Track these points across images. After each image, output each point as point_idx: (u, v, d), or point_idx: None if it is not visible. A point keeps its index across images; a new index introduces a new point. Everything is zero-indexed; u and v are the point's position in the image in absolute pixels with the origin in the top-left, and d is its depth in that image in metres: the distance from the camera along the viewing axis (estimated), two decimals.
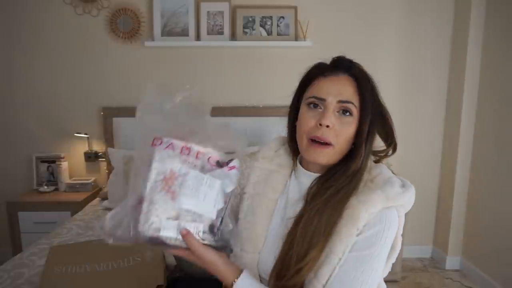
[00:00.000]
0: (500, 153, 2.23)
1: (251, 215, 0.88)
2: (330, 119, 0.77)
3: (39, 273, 1.35)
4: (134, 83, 2.54)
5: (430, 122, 2.65)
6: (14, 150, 2.57)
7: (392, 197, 0.73)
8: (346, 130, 0.78)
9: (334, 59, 0.86)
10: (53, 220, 2.25)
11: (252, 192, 0.91)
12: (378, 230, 0.73)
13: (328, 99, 0.78)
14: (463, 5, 2.43)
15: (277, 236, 0.84)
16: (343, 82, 0.80)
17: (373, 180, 0.78)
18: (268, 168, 0.92)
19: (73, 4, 2.43)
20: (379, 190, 0.74)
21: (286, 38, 2.47)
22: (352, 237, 0.72)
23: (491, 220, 2.30)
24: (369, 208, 0.72)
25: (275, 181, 0.90)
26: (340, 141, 0.78)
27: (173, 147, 0.69)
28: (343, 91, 0.79)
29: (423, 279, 2.46)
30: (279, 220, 0.86)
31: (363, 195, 0.74)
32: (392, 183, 0.76)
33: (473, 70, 2.40)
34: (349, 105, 0.78)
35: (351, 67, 0.82)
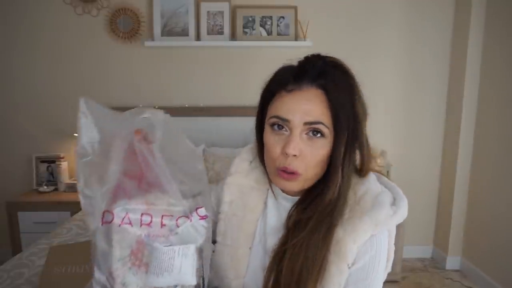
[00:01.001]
0: (500, 153, 2.22)
1: (230, 239, 0.78)
2: (297, 147, 0.65)
3: (39, 273, 1.34)
4: (134, 83, 2.54)
5: (431, 122, 2.65)
6: (14, 150, 2.57)
7: (381, 222, 0.65)
8: (316, 155, 0.66)
9: (300, 63, 0.70)
10: (53, 220, 2.25)
11: (229, 212, 0.79)
12: (370, 257, 0.66)
13: (293, 120, 0.65)
14: (463, 5, 2.43)
15: (259, 265, 0.75)
16: (309, 97, 0.66)
17: (359, 202, 0.67)
18: (243, 184, 0.80)
19: (73, 4, 2.43)
20: (366, 216, 0.64)
21: (286, 38, 2.47)
22: (343, 274, 0.65)
23: (491, 220, 2.29)
24: (357, 239, 0.64)
25: (254, 199, 0.79)
26: (310, 167, 0.67)
27: (130, 220, 0.57)
28: (310, 109, 0.65)
29: (423, 279, 2.46)
30: (260, 248, 0.77)
31: (349, 225, 0.65)
32: (381, 204, 0.66)
33: (473, 70, 2.40)
34: (318, 126, 0.65)
35: (320, 75, 0.66)
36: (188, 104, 2.55)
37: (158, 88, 2.56)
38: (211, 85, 2.57)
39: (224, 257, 0.77)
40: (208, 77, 2.56)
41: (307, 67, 0.68)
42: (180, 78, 2.56)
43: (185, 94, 2.57)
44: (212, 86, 2.57)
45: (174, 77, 2.56)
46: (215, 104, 2.57)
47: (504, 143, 2.19)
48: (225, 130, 2.50)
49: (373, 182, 0.71)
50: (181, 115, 2.50)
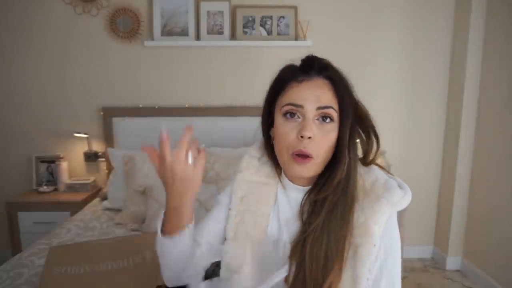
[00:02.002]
0: (500, 153, 2.22)
1: (243, 234, 0.80)
2: (312, 130, 0.71)
3: (39, 273, 1.34)
4: (134, 83, 2.54)
5: (431, 122, 2.65)
6: (14, 150, 2.57)
7: (396, 203, 0.71)
8: (328, 138, 0.72)
9: (305, 60, 0.78)
10: (53, 220, 2.24)
11: (241, 208, 0.82)
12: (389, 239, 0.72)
13: (307, 106, 0.72)
14: (463, 6, 2.43)
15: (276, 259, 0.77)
16: (319, 85, 0.73)
17: (372, 188, 0.73)
18: (254, 180, 0.84)
19: (73, 4, 2.43)
20: (382, 199, 0.70)
21: (286, 38, 2.47)
22: (371, 255, 0.69)
23: (492, 220, 2.29)
24: (377, 220, 0.70)
25: (265, 193, 0.82)
26: (321, 152, 0.73)
27: None
28: (321, 95, 0.72)
29: (423, 279, 2.46)
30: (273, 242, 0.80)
31: (368, 209, 0.71)
32: (392, 188, 0.72)
33: (474, 70, 2.40)
34: (329, 110, 0.72)
35: (325, 68, 0.75)
36: (188, 104, 2.55)
37: (158, 88, 2.55)
38: (211, 85, 2.57)
39: (237, 252, 0.79)
40: (208, 77, 2.56)
41: (312, 62, 0.76)
42: (180, 78, 2.56)
43: (185, 94, 2.56)
44: (212, 86, 2.57)
45: (174, 77, 2.55)
46: (215, 104, 2.56)
47: (504, 143, 2.19)
48: (225, 130, 2.50)
49: (378, 171, 0.77)
50: (181, 115, 2.50)
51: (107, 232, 1.85)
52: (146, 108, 2.51)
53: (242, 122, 2.50)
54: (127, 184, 2.16)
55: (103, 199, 2.31)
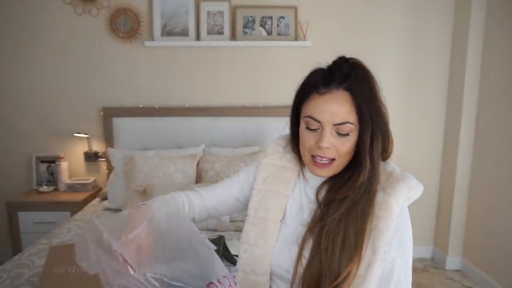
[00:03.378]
0: (501, 153, 2.22)
1: (263, 211, 0.87)
2: (328, 141, 0.77)
3: (39, 273, 1.34)
4: (134, 83, 2.54)
5: (431, 122, 2.65)
6: (14, 150, 2.57)
7: (413, 188, 0.80)
8: (346, 145, 0.78)
9: (329, 67, 0.81)
10: (53, 220, 2.25)
11: (263, 187, 0.90)
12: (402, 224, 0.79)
13: (323, 121, 0.77)
14: (463, 6, 2.43)
15: (291, 238, 0.84)
16: (338, 100, 0.77)
17: (391, 175, 0.81)
18: (279, 164, 0.92)
19: (73, 4, 2.43)
20: (402, 182, 0.79)
21: (286, 38, 2.47)
22: (390, 228, 0.76)
23: (492, 220, 2.29)
24: (397, 197, 0.77)
25: (287, 176, 0.90)
26: (342, 154, 0.79)
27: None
28: (338, 111, 0.76)
29: (423, 279, 2.46)
30: (295, 222, 0.86)
31: (388, 188, 0.79)
32: (408, 175, 0.81)
33: (473, 70, 2.40)
34: (345, 126, 0.77)
35: (346, 78, 0.77)
36: (188, 104, 2.55)
37: (158, 88, 2.56)
38: (211, 85, 2.57)
39: (255, 229, 0.87)
40: (208, 77, 2.56)
41: (334, 71, 0.79)
42: (180, 78, 2.56)
43: (185, 94, 2.56)
44: (212, 86, 2.57)
45: (174, 77, 2.55)
46: (215, 104, 2.56)
47: (504, 143, 2.19)
48: (225, 130, 2.50)
49: (394, 165, 0.86)
50: (181, 115, 2.50)
51: None
52: (146, 108, 2.51)
53: (242, 122, 2.50)
54: (127, 184, 2.16)
55: (103, 199, 2.31)
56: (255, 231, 0.86)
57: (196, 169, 2.25)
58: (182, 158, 2.24)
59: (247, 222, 0.88)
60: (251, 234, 0.86)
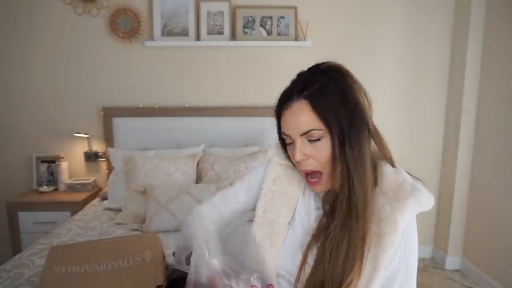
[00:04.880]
0: (500, 153, 2.22)
1: (272, 213, 0.87)
2: (300, 153, 0.77)
3: (39, 273, 1.34)
4: (134, 83, 2.54)
5: (431, 122, 2.65)
6: (14, 150, 2.57)
7: (422, 203, 0.74)
8: (323, 153, 0.76)
9: (292, 80, 0.82)
10: (53, 220, 2.25)
11: (272, 188, 0.89)
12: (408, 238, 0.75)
13: (291, 135, 0.78)
14: (463, 5, 2.43)
15: (297, 243, 0.84)
16: (298, 110, 0.76)
17: (401, 187, 0.76)
18: (288, 164, 0.90)
19: (73, 4, 2.43)
20: (411, 197, 0.74)
21: (286, 38, 2.47)
22: (393, 245, 0.73)
23: (492, 220, 2.30)
24: (404, 214, 0.73)
25: (297, 178, 0.88)
26: (324, 165, 0.77)
27: None
28: (300, 122, 0.76)
29: (423, 279, 2.46)
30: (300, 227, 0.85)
31: (397, 203, 0.74)
32: (419, 189, 0.76)
33: (473, 70, 2.40)
34: (311, 133, 0.76)
35: (305, 87, 0.77)
36: (188, 104, 2.55)
37: (158, 88, 2.56)
38: (211, 85, 2.57)
39: (262, 229, 0.86)
40: (208, 77, 2.56)
41: (293, 83, 0.80)
42: (180, 78, 2.56)
43: (185, 94, 2.57)
44: (212, 86, 2.57)
45: (174, 77, 2.56)
46: (215, 104, 2.57)
47: (504, 143, 2.19)
48: (225, 130, 2.51)
49: (406, 174, 0.80)
50: (181, 115, 2.51)
51: (107, 232, 1.85)
52: (146, 108, 2.51)
53: (242, 122, 2.50)
54: (127, 184, 2.16)
55: (103, 199, 2.31)
56: (261, 232, 0.86)
57: (196, 169, 2.25)
58: (182, 158, 2.24)
59: (254, 222, 0.88)
60: (258, 234, 0.86)
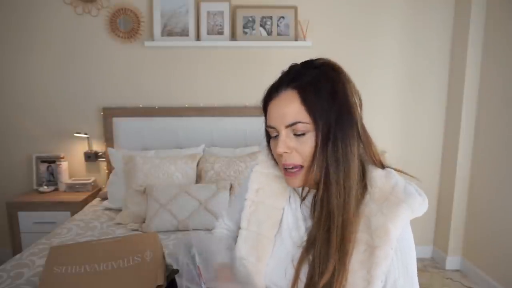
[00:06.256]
0: (500, 153, 2.22)
1: (256, 225, 0.83)
2: (284, 145, 0.73)
3: (39, 273, 1.34)
4: (134, 83, 2.54)
5: (430, 122, 2.65)
6: (14, 150, 2.57)
7: (416, 209, 0.70)
8: (306, 147, 0.72)
9: (282, 72, 0.78)
10: (53, 220, 2.25)
11: (255, 199, 0.85)
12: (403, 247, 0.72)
13: (276, 126, 0.74)
14: (463, 6, 2.43)
15: (287, 256, 0.79)
16: (285, 100, 0.73)
17: (392, 192, 0.72)
18: (272, 172, 0.85)
19: (73, 4, 2.43)
20: (404, 204, 0.70)
21: (286, 38, 2.47)
22: (388, 257, 0.69)
23: (491, 220, 2.29)
24: (397, 223, 0.69)
25: (280, 188, 0.84)
26: (306, 159, 0.73)
27: None
28: (287, 111, 0.72)
29: (423, 279, 2.46)
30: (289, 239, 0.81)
31: (388, 211, 0.70)
32: (412, 194, 0.71)
33: (473, 70, 2.40)
34: (297, 126, 0.72)
35: (294, 78, 0.74)
36: (188, 104, 2.55)
37: (158, 88, 2.56)
38: (211, 85, 2.57)
39: (248, 242, 0.82)
40: (208, 77, 2.56)
41: (283, 74, 0.77)
42: (180, 78, 2.56)
43: (185, 94, 2.57)
44: (212, 86, 2.57)
45: (174, 77, 2.56)
46: (215, 104, 2.57)
47: (504, 143, 2.19)
48: (225, 130, 2.51)
49: (398, 177, 0.75)
50: (181, 115, 2.51)
51: (107, 232, 1.85)
52: (146, 108, 2.51)
53: (242, 122, 2.50)
54: (127, 184, 2.16)
55: (103, 199, 2.31)
56: (247, 245, 0.82)
57: (196, 169, 2.25)
58: (182, 158, 2.24)
59: (239, 234, 0.84)
60: (243, 248, 0.82)
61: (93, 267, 1.19)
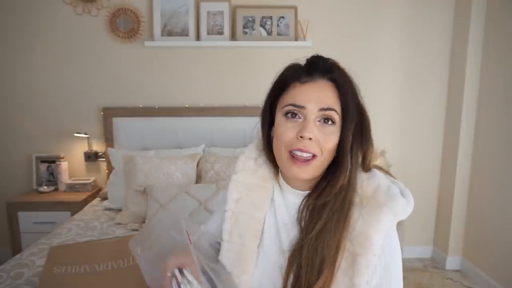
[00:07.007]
0: (500, 153, 2.22)
1: (237, 237, 0.79)
2: (313, 131, 0.69)
3: (39, 273, 1.34)
4: (134, 83, 2.54)
5: (430, 122, 2.65)
6: (14, 150, 2.57)
7: (398, 213, 0.69)
8: (329, 140, 0.70)
9: (309, 60, 0.75)
10: (53, 220, 2.25)
11: (235, 210, 0.81)
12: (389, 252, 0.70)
13: (308, 107, 0.70)
14: (463, 6, 2.43)
15: (274, 264, 0.77)
16: (323, 87, 0.71)
17: (374, 196, 0.70)
18: (251, 182, 0.82)
19: (73, 4, 2.43)
20: (385, 207, 0.68)
21: (286, 38, 2.47)
22: (371, 264, 0.67)
23: (491, 220, 2.30)
24: (378, 229, 0.67)
25: (260, 197, 0.80)
26: (325, 152, 0.71)
27: None
28: (324, 97, 0.70)
29: (423, 279, 2.46)
30: (274, 247, 0.78)
31: (369, 217, 0.68)
32: (395, 196, 0.69)
33: (473, 70, 2.40)
34: (331, 113, 0.70)
35: (329, 70, 0.72)
36: (188, 104, 2.55)
37: (158, 88, 2.56)
38: (211, 85, 2.57)
39: (231, 255, 0.79)
40: (208, 77, 2.56)
41: (317, 62, 0.74)
42: (180, 78, 2.56)
43: (185, 94, 2.57)
44: (212, 86, 2.57)
45: (174, 77, 2.56)
46: (215, 104, 2.57)
47: (504, 143, 2.19)
48: (225, 130, 2.51)
49: (381, 177, 0.74)
50: (181, 115, 2.51)
51: (107, 232, 1.85)
52: (146, 108, 2.51)
53: (242, 122, 2.50)
54: (127, 184, 2.16)
55: (103, 199, 2.31)
56: (230, 258, 0.78)
57: (196, 169, 2.25)
58: (182, 158, 2.24)
59: (222, 247, 0.80)
60: (227, 261, 0.78)
61: (93, 267, 1.20)
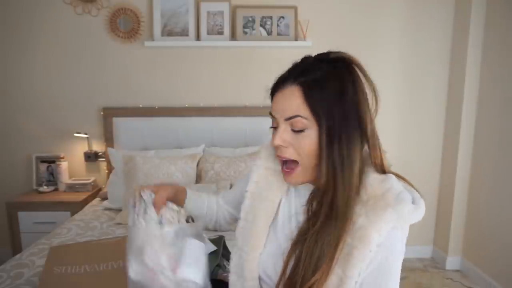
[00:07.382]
0: (500, 153, 2.22)
1: (252, 215, 0.85)
2: (279, 138, 0.74)
3: (39, 273, 1.34)
4: (134, 83, 2.54)
5: (431, 122, 2.65)
6: (14, 150, 2.57)
7: (403, 216, 0.69)
8: (303, 145, 0.72)
9: (292, 64, 0.78)
10: (53, 220, 2.25)
11: (254, 191, 0.87)
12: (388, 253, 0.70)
13: (277, 116, 0.76)
14: (463, 5, 2.43)
15: (278, 248, 0.81)
16: (288, 95, 0.73)
17: (383, 197, 0.70)
18: (271, 167, 0.87)
19: (73, 4, 2.43)
20: (390, 208, 0.68)
21: (286, 38, 2.47)
22: (366, 259, 0.68)
23: (492, 220, 2.30)
24: (379, 228, 0.67)
25: (279, 182, 0.85)
26: (303, 156, 0.73)
27: None
28: (287, 105, 0.73)
29: (423, 279, 2.46)
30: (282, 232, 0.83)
31: (373, 215, 0.68)
32: (404, 200, 0.69)
33: (473, 70, 2.40)
34: (295, 120, 0.72)
35: (301, 73, 0.73)
36: (188, 104, 2.55)
37: (158, 88, 2.56)
38: (211, 85, 2.57)
39: (244, 232, 0.85)
40: (208, 77, 2.56)
41: (293, 67, 0.77)
42: (180, 78, 2.56)
43: (185, 94, 2.57)
44: (212, 86, 2.57)
45: (174, 77, 2.56)
46: (215, 104, 2.57)
47: (504, 143, 2.19)
48: (225, 130, 2.51)
49: (395, 181, 0.74)
50: (181, 115, 2.51)
51: (107, 232, 1.85)
52: (146, 108, 2.51)
53: (242, 122, 2.50)
54: (127, 184, 2.16)
55: (103, 199, 2.31)
56: (243, 235, 0.85)
57: (196, 169, 2.25)
58: (182, 158, 2.24)
59: (238, 225, 0.88)
60: (240, 237, 0.86)
61: (93, 267, 1.20)
